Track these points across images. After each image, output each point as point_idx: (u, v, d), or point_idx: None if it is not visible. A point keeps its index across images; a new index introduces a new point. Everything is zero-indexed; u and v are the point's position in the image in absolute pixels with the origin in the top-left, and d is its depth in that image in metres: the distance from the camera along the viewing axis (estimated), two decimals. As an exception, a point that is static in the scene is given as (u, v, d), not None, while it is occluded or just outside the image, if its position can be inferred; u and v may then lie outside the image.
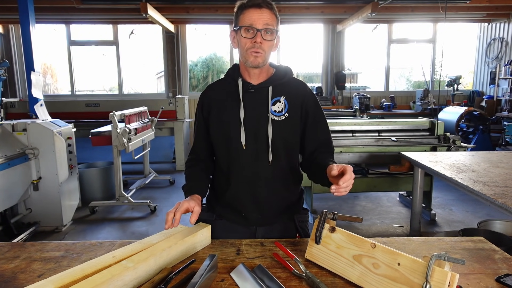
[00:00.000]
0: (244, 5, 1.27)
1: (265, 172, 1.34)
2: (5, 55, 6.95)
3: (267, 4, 1.25)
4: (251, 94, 1.34)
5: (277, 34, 1.30)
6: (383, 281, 0.96)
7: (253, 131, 1.33)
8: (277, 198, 1.39)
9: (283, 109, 1.34)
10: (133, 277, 0.98)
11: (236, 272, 1.06)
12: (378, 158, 3.84)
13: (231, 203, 1.41)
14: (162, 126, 6.05)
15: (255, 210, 1.38)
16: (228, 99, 1.36)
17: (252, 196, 1.37)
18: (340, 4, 6.07)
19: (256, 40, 1.24)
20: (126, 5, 5.80)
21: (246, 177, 1.36)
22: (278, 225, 1.43)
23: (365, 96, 6.69)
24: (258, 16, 1.23)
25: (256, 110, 1.33)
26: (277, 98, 1.34)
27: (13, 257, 1.20)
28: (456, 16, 6.79)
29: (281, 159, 1.35)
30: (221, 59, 8.57)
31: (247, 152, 1.33)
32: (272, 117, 1.32)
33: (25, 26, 3.88)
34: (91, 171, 4.61)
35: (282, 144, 1.34)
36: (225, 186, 1.40)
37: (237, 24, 1.30)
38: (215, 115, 1.38)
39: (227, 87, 1.39)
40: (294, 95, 1.36)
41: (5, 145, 3.23)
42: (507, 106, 6.56)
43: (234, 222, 1.42)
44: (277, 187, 1.38)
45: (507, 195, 1.83)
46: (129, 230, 3.76)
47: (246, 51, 1.27)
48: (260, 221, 1.40)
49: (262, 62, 1.29)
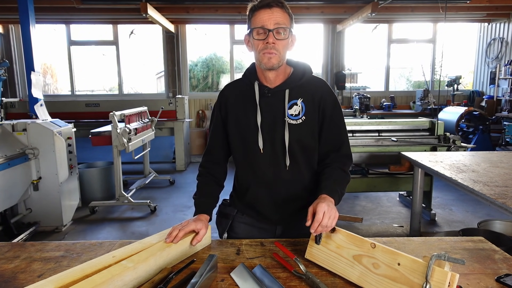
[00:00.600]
0: (254, 7, 1.25)
1: (283, 176, 1.34)
2: (5, 55, 6.95)
3: (278, 3, 1.22)
4: (267, 98, 1.32)
5: (291, 33, 1.27)
6: (383, 281, 0.96)
7: (270, 136, 1.32)
8: (296, 200, 1.39)
9: (300, 112, 1.32)
10: (133, 277, 0.98)
11: (236, 272, 1.06)
12: (378, 158, 3.85)
13: (251, 204, 1.42)
14: (162, 126, 6.05)
15: (275, 212, 1.39)
16: (245, 102, 1.35)
17: (271, 199, 1.38)
18: (340, 4, 6.07)
19: (269, 40, 1.21)
20: (126, 5, 5.80)
21: (265, 180, 1.36)
22: (296, 223, 1.44)
23: (365, 96, 6.69)
24: (268, 16, 1.21)
25: (272, 114, 1.32)
26: (294, 101, 1.32)
27: (13, 257, 1.20)
28: (456, 16, 6.79)
29: (299, 162, 1.34)
30: (221, 59, 8.57)
31: (265, 156, 1.33)
32: (288, 121, 1.30)
33: (25, 26, 3.88)
34: (91, 171, 4.61)
35: (299, 148, 1.33)
36: (245, 187, 1.42)
37: (249, 27, 1.28)
38: (233, 117, 1.38)
39: (244, 88, 1.38)
40: (311, 97, 1.33)
41: (5, 145, 3.23)
42: (507, 106, 6.56)
43: (254, 219, 1.44)
44: (296, 189, 1.38)
45: (507, 195, 1.83)
46: (129, 230, 3.76)
47: (259, 53, 1.25)
48: (279, 221, 1.42)
49: (277, 63, 1.25)
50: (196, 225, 1.22)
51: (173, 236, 1.15)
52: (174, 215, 4.11)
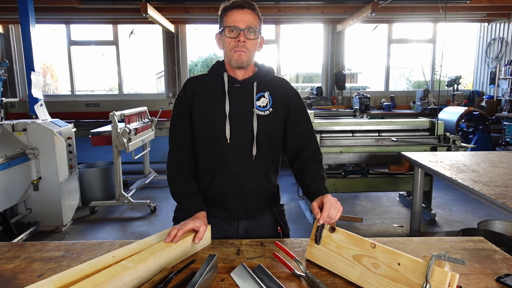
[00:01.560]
0: (227, 7, 1.31)
1: (249, 166, 1.37)
2: (5, 55, 6.95)
3: (249, 5, 1.30)
4: (236, 89, 1.37)
5: (260, 34, 1.34)
6: (383, 281, 0.96)
7: (238, 126, 1.35)
8: (260, 191, 1.42)
9: (267, 104, 1.38)
10: (133, 277, 0.98)
11: (236, 272, 1.06)
12: (378, 158, 3.84)
13: (214, 197, 1.41)
14: (162, 126, 6.04)
15: (239, 204, 1.40)
16: (213, 93, 1.38)
17: (236, 190, 1.38)
18: (340, 4, 6.07)
19: (240, 39, 1.28)
20: (126, 5, 5.80)
21: (231, 171, 1.37)
22: (260, 219, 1.46)
23: (365, 96, 6.69)
24: (240, 16, 1.28)
25: (241, 104, 1.36)
26: (262, 94, 1.38)
27: (13, 257, 1.20)
28: (456, 16, 6.79)
29: (264, 153, 1.38)
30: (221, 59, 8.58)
31: (231, 147, 1.35)
32: (257, 112, 1.35)
33: (25, 26, 3.88)
34: (91, 171, 4.61)
35: (266, 138, 1.37)
36: (208, 181, 1.40)
37: (221, 26, 1.33)
38: (200, 108, 1.38)
39: (211, 81, 1.41)
40: (277, 92, 1.40)
41: (5, 145, 3.23)
42: (507, 106, 6.56)
43: (217, 217, 1.41)
44: (260, 180, 1.41)
45: (507, 195, 1.83)
46: (129, 230, 3.76)
47: (230, 51, 1.31)
48: (243, 214, 1.42)
49: (247, 61, 1.32)
50: (195, 223, 1.22)
51: (172, 236, 1.15)
52: (174, 215, 4.11)
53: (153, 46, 7.58)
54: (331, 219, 1.13)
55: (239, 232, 1.43)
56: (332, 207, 1.14)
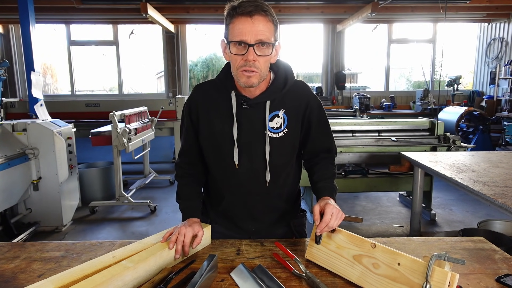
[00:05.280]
0: (233, 12, 1.06)
1: (261, 190, 1.27)
2: (5, 55, 6.95)
3: (260, 11, 1.04)
4: (245, 110, 1.19)
5: (275, 44, 1.10)
6: (383, 281, 0.96)
7: (248, 150, 1.21)
8: (273, 211, 1.35)
9: (281, 124, 1.21)
10: (133, 277, 0.98)
11: (236, 272, 1.06)
12: (378, 158, 3.84)
13: (225, 214, 1.37)
14: (162, 126, 6.04)
15: (250, 223, 1.35)
16: (219, 112, 1.21)
17: (247, 211, 1.32)
18: (340, 4, 6.07)
19: (248, 58, 1.05)
20: (126, 5, 5.80)
21: (241, 193, 1.29)
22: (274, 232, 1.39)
23: (365, 96, 6.69)
24: (249, 28, 1.03)
25: (251, 127, 1.20)
26: (276, 113, 1.20)
27: (13, 257, 1.20)
28: (456, 16, 6.79)
29: (280, 176, 1.27)
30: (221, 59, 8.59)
31: (241, 172, 1.23)
32: (269, 135, 1.19)
33: (25, 26, 3.88)
34: (91, 171, 4.61)
35: (281, 162, 1.25)
36: (219, 197, 1.34)
37: (227, 34, 1.10)
38: (205, 127, 1.24)
39: (218, 94, 1.23)
40: (295, 106, 1.22)
41: (5, 145, 3.23)
42: (507, 106, 6.56)
43: (229, 229, 1.39)
44: (274, 201, 1.33)
45: (507, 195, 1.83)
46: (129, 230, 3.76)
47: (237, 70, 1.09)
48: (254, 232, 1.37)
49: (257, 82, 1.11)
50: (194, 229, 1.19)
51: (180, 251, 1.12)
52: (174, 215, 4.11)
53: (153, 46, 7.59)
54: (329, 228, 1.08)
55: None
56: (333, 217, 1.07)
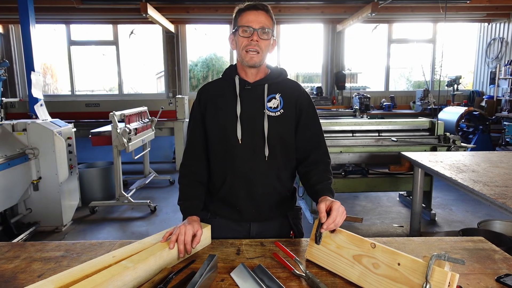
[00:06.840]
0: (241, 9, 1.36)
1: (261, 167, 1.37)
2: (5, 55, 6.95)
3: (263, 7, 1.34)
4: (247, 91, 1.39)
5: (273, 37, 1.37)
6: (383, 281, 0.96)
7: (249, 127, 1.36)
8: (272, 193, 1.41)
9: (278, 105, 1.39)
10: (133, 277, 0.98)
11: (236, 272, 1.06)
12: (378, 158, 3.84)
13: (226, 198, 1.41)
14: (162, 126, 6.05)
15: (250, 205, 1.39)
16: (225, 96, 1.41)
17: (247, 191, 1.38)
18: (340, 4, 6.07)
19: (253, 38, 1.31)
20: (126, 5, 5.80)
21: (242, 172, 1.37)
22: (272, 222, 1.45)
23: (365, 96, 6.69)
24: (254, 17, 1.32)
25: (252, 106, 1.38)
26: (273, 95, 1.40)
27: (13, 257, 1.21)
28: (456, 16, 6.79)
29: (277, 155, 1.38)
30: (221, 59, 8.58)
31: (243, 147, 1.36)
32: (268, 113, 1.36)
33: (25, 26, 3.88)
34: (91, 171, 4.61)
35: (278, 140, 1.37)
36: (220, 182, 1.42)
37: (235, 26, 1.37)
38: (212, 111, 1.41)
39: (224, 85, 1.44)
40: (289, 94, 1.41)
41: (5, 145, 3.23)
42: (507, 106, 6.56)
43: (229, 218, 1.43)
44: (273, 182, 1.40)
45: (507, 195, 1.83)
46: (129, 230, 3.76)
47: (242, 50, 1.33)
48: (255, 217, 1.42)
49: (259, 62, 1.34)
50: (193, 228, 1.20)
51: (183, 251, 1.15)
52: (174, 215, 4.11)
53: (153, 46, 7.59)
54: (336, 226, 1.12)
55: (250, 234, 1.43)
56: (339, 215, 1.12)
